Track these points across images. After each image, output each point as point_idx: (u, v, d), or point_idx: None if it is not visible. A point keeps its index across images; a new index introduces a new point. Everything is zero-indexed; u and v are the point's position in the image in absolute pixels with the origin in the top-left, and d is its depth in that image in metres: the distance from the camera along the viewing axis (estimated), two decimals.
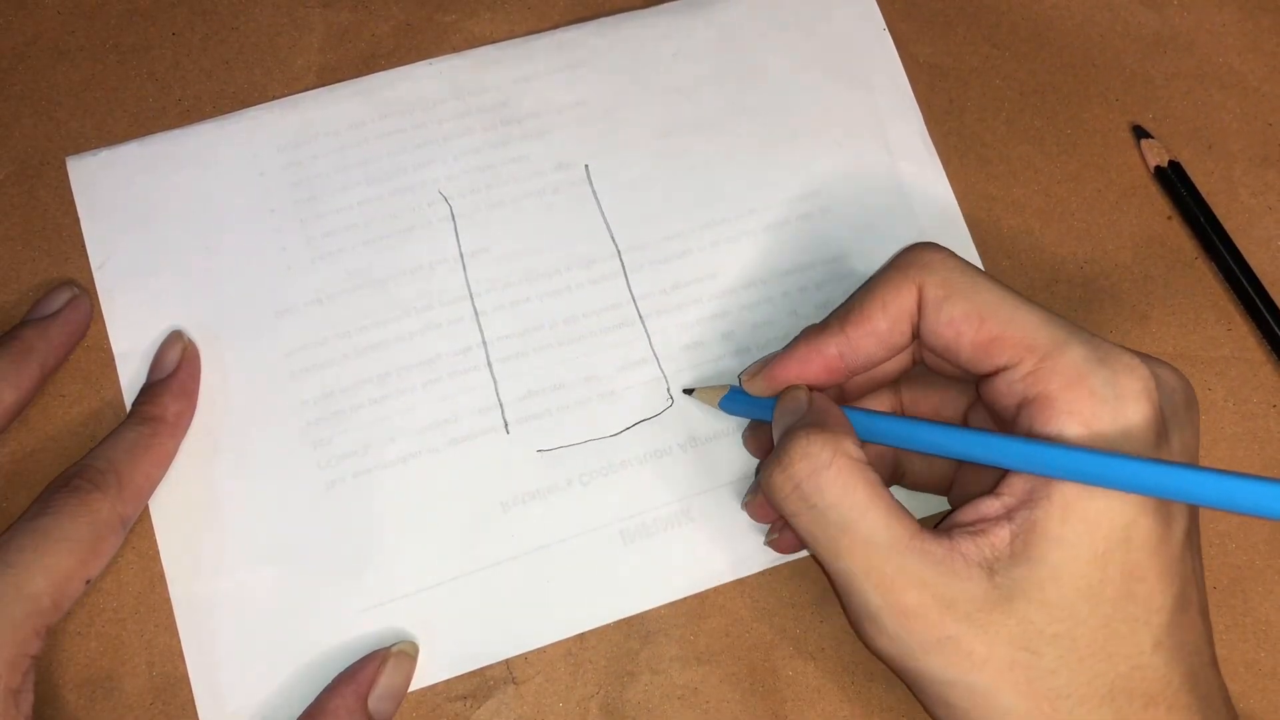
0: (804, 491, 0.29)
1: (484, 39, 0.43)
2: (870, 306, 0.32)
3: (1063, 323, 0.30)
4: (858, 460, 0.30)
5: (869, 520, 0.29)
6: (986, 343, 0.30)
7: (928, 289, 0.31)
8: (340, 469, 0.37)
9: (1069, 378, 0.28)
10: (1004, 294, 0.30)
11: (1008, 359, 0.29)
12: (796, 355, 0.33)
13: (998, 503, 0.29)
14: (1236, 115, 0.43)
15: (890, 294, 0.31)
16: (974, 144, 0.42)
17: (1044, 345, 0.29)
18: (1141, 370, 0.29)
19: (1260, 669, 0.37)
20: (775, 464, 0.30)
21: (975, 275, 0.31)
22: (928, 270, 0.31)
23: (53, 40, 0.42)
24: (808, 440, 0.30)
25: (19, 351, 0.36)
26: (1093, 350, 0.29)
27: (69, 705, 0.35)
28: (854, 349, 0.32)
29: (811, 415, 0.31)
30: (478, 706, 0.35)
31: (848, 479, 0.29)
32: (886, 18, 0.43)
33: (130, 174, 0.40)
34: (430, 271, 0.39)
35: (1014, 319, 0.30)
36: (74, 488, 0.33)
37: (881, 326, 0.32)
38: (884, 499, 0.29)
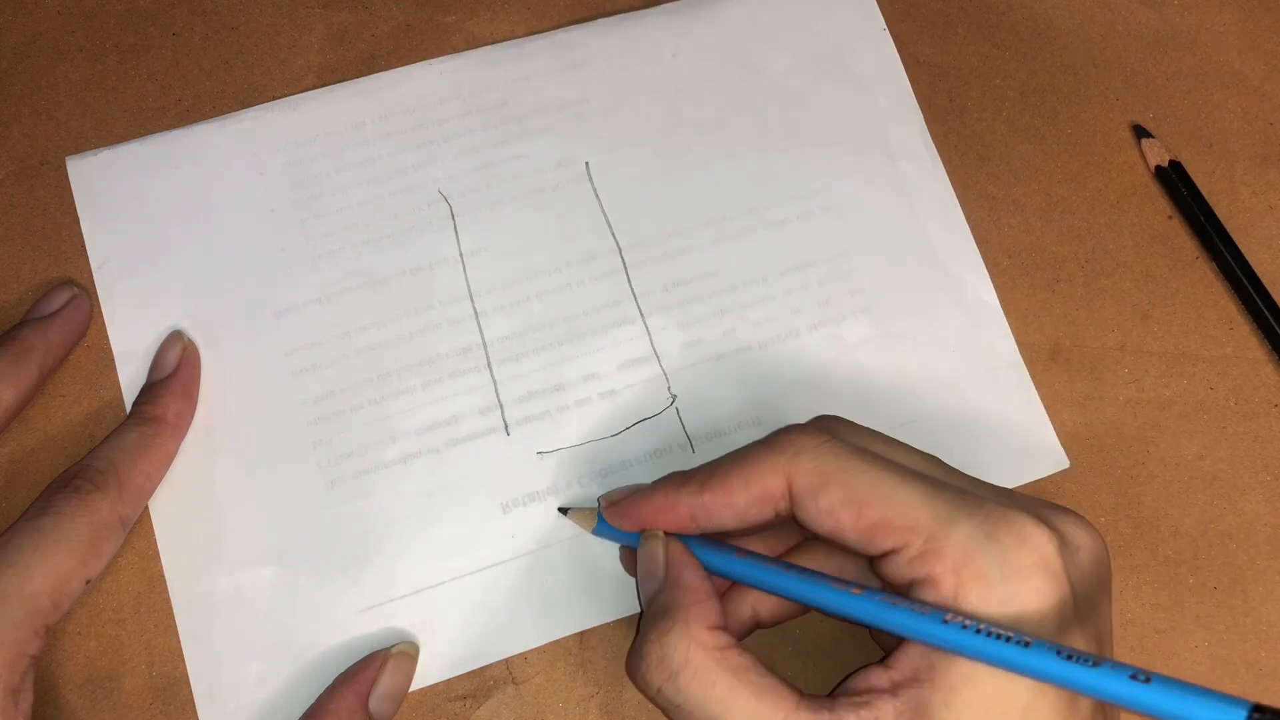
0: (666, 694, 0.29)
1: (484, 39, 0.43)
2: (732, 480, 0.30)
3: (950, 496, 0.28)
4: (713, 648, 0.28)
5: (735, 713, 0.28)
6: (869, 528, 0.28)
7: (798, 478, 0.29)
8: (340, 469, 0.37)
9: (955, 560, 0.27)
10: (882, 474, 0.29)
11: (893, 544, 0.28)
12: (653, 501, 0.32)
13: (886, 675, 0.28)
14: (1237, 114, 0.43)
15: (755, 474, 0.30)
16: (974, 144, 0.42)
17: (928, 526, 0.27)
18: (1038, 538, 0.27)
19: (1261, 669, 0.37)
20: (635, 669, 0.30)
21: (850, 458, 0.29)
22: (799, 458, 0.30)
23: (53, 40, 0.42)
24: (659, 642, 0.29)
25: (18, 351, 0.36)
26: (980, 525, 0.27)
27: (69, 705, 0.35)
28: (708, 515, 0.31)
29: (665, 596, 0.30)
30: (478, 706, 0.35)
31: (705, 676, 0.28)
32: (886, 17, 0.43)
33: (130, 174, 0.40)
34: (430, 271, 0.39)
35: (894, 501, 0.28)
36: (74, 488, 0.33)
37: (739, 502, 0.30)
38: (747, 684, 0.28)
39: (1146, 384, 0.40)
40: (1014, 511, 0.28)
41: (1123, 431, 0.39)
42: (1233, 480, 0.39)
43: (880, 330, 0.39)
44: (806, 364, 0.39)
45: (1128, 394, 0.39)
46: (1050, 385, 0.39)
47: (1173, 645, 0.37)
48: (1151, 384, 0.40)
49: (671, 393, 0.38)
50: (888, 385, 0.39)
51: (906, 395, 0.39)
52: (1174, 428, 0.39)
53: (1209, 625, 0.37)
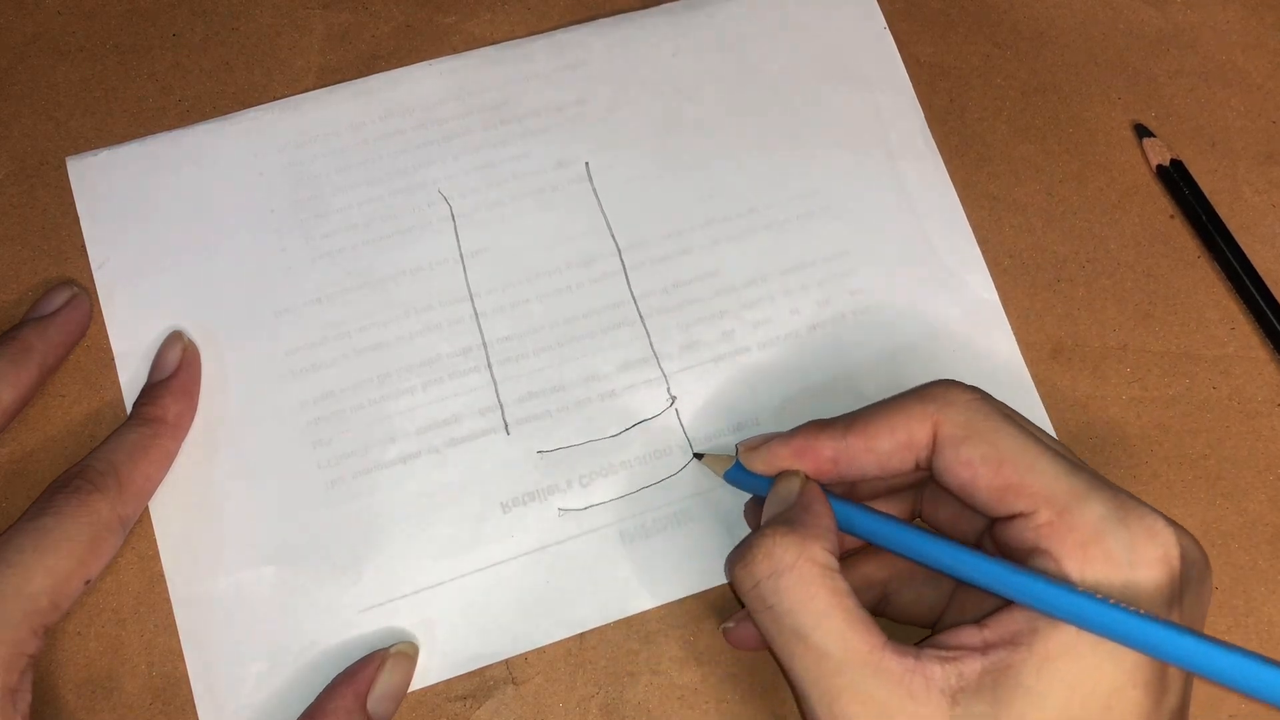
0: (762, 591, 0.29)
1: (484, 39, 0.43)
2: (877, 424, 0.31)
3: (1085, 474, 0.28)
4: (823, 566, 0.28)
5: (824, 631, 0.28)
6: (1003, 488, 0.29)
7: (945, 427, 0.30)
8: (340, 469, 0.37)
9: (1085, 536, 0.27)
10: (1026, 440, 0.29)
11: (1024, 507, 0.28)
12: (794, 444, 0.32)
13: (979, 634, 0.28)
14: (1239, 113, 0.43)
15: (901, 420, 0.30)
16: (975, 143, 0.42)
17: (1063, 498, 0.28)
18: (1164, 536, 0.27)
19: None
20: (739, 558, 0.30)
21: (999, 418, 0.30)
22: (949, 408, 0.30)
23: (53, 40, 0.42)
24: (774, 540, 0.29)
25: (18, 351, 0.36)
26: (1113, 509, 0.28)
27: (69, 705, 0.35)
28: (849, 459, 0.31)
29: (792, 511, 0.30)
30: (478, 706, 0.35)
31: (808, 585, 0.28)
32: (887, 17, 0.43)
33: (130, 174, 0.40)
34: (430, 272, 0.39)
35: (1034, 468, 0.28)
36: (74, 488, 0.33)
37: (884, 447, 0.31)
38: (844, 609, 0.28)
39: (1149, 383, 0.39)
40: (1145, 506, 0.28)
41: (1125, 431, 0.39)
42: (1235, 480, 0.38)
43: (880, 330, 0.39)
44: (806, 365, 0.39)
45: (1130, 393, 0.39)
46: (1052, 385, 0.39)
47: None
48: (1154, 383, 0.39)
49: (671, 394, 0.38)
50: (887, 386, 0.39)
51: None
52: (1176, 427, 0.39)
53: (1211, 625, 0.37)
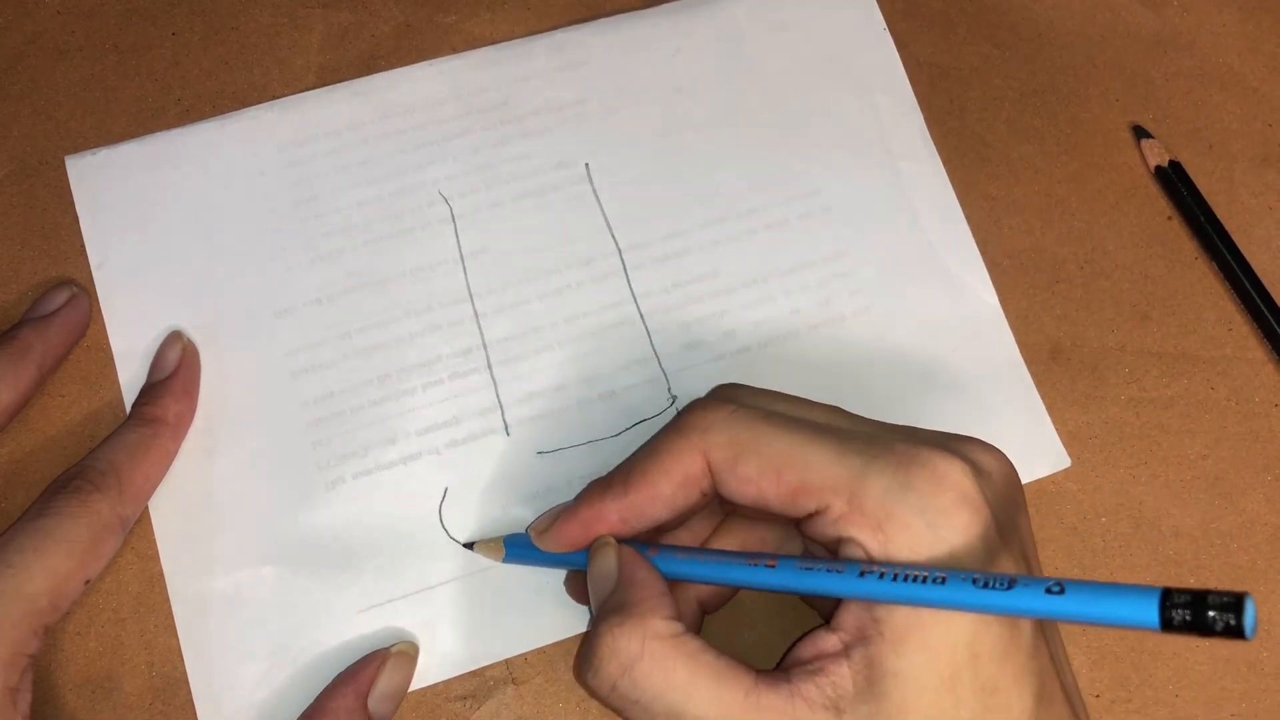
0: (621, 690, 0.28)
1: (484, 39, 0.43)
2: (653, 473, 0.30)
3: (859, 447, 0.28)
4: (668, 638, 0.28)
5: (695, 699, 0.27)
6: (790, 493, 0.28)
7: (713, 453, 0.30)
8: (340, 469, 0.37)
9: (878, 516, 0.27)
10: (793, 436, 0.29)
11: (815, 505, 0.28)
12: (580, 517, 0.32)
13: (834, 638, 0.28)
14: (1237, 115, 0.43)
15: (673, 461, 0.30)
16: (974, 144, 0.42)
17: (846, 484, 0.28)
18: (953, 474, 0.27)
19: (1263, 669, 0.37)
20: (586, 667, 0.29)
21: (760, 425, 0.29)
22: (710, 434, 0.30)
23: (53, 40, 0.42)
24: (612, 635, 0.28)
25: (17, 351, 0.36)
26: (895, 474, 0.27)
27: (68, 705, 0.35)
28: (638, 514, 0.31)
29: (619, 595, 0.30)
30: (478, 706, 0.35)
31: (663, 664, 0.28)
32: (887, 17, 0.43)
33: (130, 174, 0.40)
34: (430, 272, 0.39)
35: (809, 463, 0.28)
36: (74, 489, 0.33)
37: (665, 492, 0.30)
38: (707, 668, 0.28)
39: (1147, 384, 0.40)
40: (925, 450, 0.28)
41: (1124, 431, 0.39)
42: (1234, 480, 0.39)
43: (880, 330, 0.39)
44: (806, 365, 0.39)
45: (1129, 394, 0.39)
46: (1051, 385, 0.39)
47: (1173, 645, 0.37)
48: (1152, 384, 0.40)
49: (672, 393, 0.38)
50: (887, 385, 0.39)
51: (907, 395, 0.39)
52: (1175, 428, 0.39)
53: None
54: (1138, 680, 0.36)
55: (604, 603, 0.30)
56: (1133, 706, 0.36)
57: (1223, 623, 0.23)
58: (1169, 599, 0.23)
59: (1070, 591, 0.25)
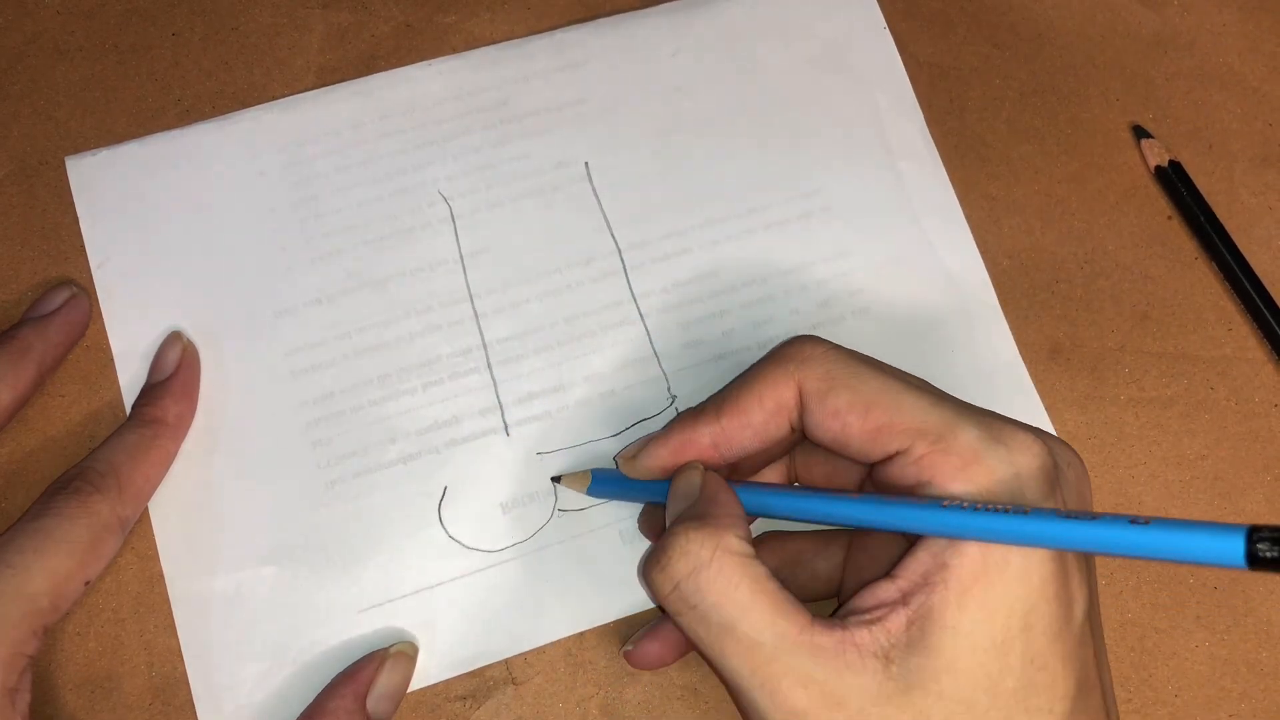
0: (683, 592, 0.28)
1: (484, 39, 0.43)
2: (746, 399, 0.31)
3: (952, 403, 0.29)
4: (740, 555, 0.28)
5: (751, 620, 0.27)
6: (875, 431, 0.29)
7: (808, 383, 0.30)
8: (340, 469, 0.37)
9: (964, 458, 0.27)
10: (888, 380, 0.29)
11: (899, 445, 0.28)
12: (671, 442, 0.32)
13: (893, 586, 0.27)
14: (1237, 115, 0.43)
15: (767, 388, 0.30)
16: (974, 144, 0.42)
17: (935, 429, 0.28)
18: (1037, 447, 0.28)
19: (1262, 669, 0.37)
20: (654, 562, 0.29)
21: (857, 364, 0.30)
22: (807, 365, 0.30)
23: (53, 40, 0.42)
24: (687, 537, 0.28)
25: (16, 351, 0.36)
26: (985, 430, 0.28)
27: (68, 705, 0.35)
28: (729, 440, 0.31)
29: (698, 506, 0.30)
30: (477, 707, 0.35)
31: (729, 577, 0.28)
32: (887, 17, 0.43)
33: (130, 174, 0.40)
34: (430, 273, 0.39)
35: (901, 405, 0.29)
36: (74, 489, 0.33)
37: (757, 419, 0.31)
38: (768, 595, 0.28)
39: (1147, 384, 0.40)
40: (1015, 423, 0.28)
41: (1124, 431, 0.39)
42: (1234, 480, 0.39)
43: (880, 330, 0.39)
44: None
45: (1128, 394, 0.39)
46: (1050, 385, 0.39)
47: (1173, 645, 0.37)
48: (1152, 384, 0.40)
49: (671, 393, 0.38)
50: None
51: None
52: (1175, 428, 0.39)
53: (1209, 625, 0.37)
54: (1138, 680, 0.36)
55: (682, 512, 0.30)
56: (1133, 707, 0.36)
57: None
58: (1257, 534, 0.23)
59: (1155, 525, 0.24)
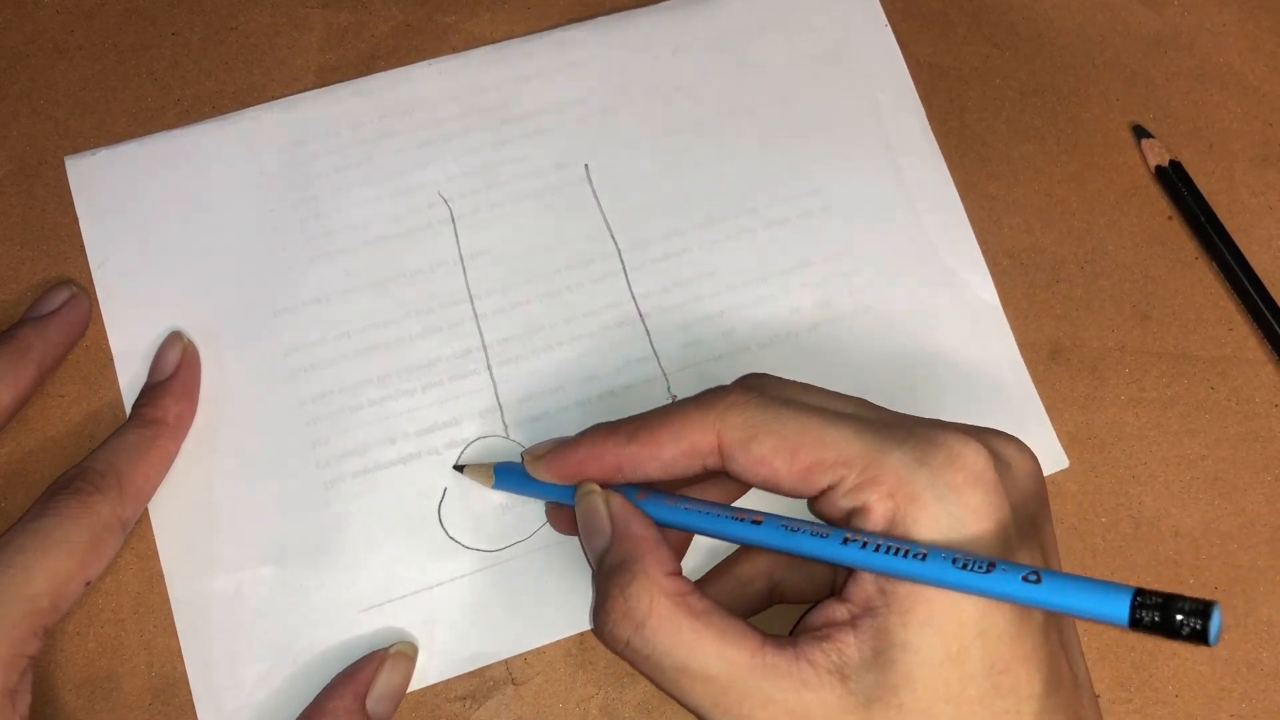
0: (634, 646, 0.29)
1: (484, 39, 0.43)
2: (661, 432, 0.31)
3: (879, 429, 0.29)
4: (675, 595, 0.29)
5: (700, 657, 0.28)
6: (804, 471, 0.29)
7: (727, 433, 0.30)
8: (339, 469, 0.37)
9: (889, 487, 0.27)
10: (810, 417, 0.29)
11: (829, 480, 0.28)
12: (579, 453, 0.32)
13: (842, 608, 0.28)
14: (1237, 115, 0.43)
15: (683, 429, 0.31)
16: (975, 144, 0.42)
17: (860, 458, 0.28)
18: (969, 455, 0.28)
19: (1263, 669, 0.37)
20: (600, 625, 0.30)
21: (778, 408, 0.30)
22: (727, 414, 0.30)
23: (52, 40, 0.42)
24: (624, 597, 0.29)
25: (16, 350, 0.36)
26: (911, 451, 0.28)
27: (68, 706, 0.35)
28: (634, 465, 0.31)
29: (617, 550, 0.30)
30: (477, 707, 0.35)
31: (671, 622, 0.28)
32: (887, 17, 0.43)
33: (129, 174, 0.40)
34: (430, 273, 0.39)
35: (824, 440, 0.29)
36: (74, 490, 0.33)
37: (666, 455, 0.31)
38: (712, 628, 0.28)
39: (1147, 384, 0.40)
40: (943, 433, 0.28)
41: (1123, 431, 0.39)
42: (1234, 480, 0.39)
43: (880, 330, 0.39)
44: (806, 364, 0.39)
45: (1129, 394, 0.39)
46: (1050, 385, 0.39)
47: (1173, 645, 0.37)
48: (1152, 384, 0.40)
49: (671, 393, 0.38)
50: (887, 385, 0.39)
51: (906, 395, 0.39)
52: (1175, 428, 0.39)
53: None
54: (1138, 680, 0.36)
55: (602, 556, 0.31)
56: (1133, 707, 0.36)
57: (1189, 627, 0.23)
58: (1141, 599, 0.23)
59: (1047, 581, 0.25)
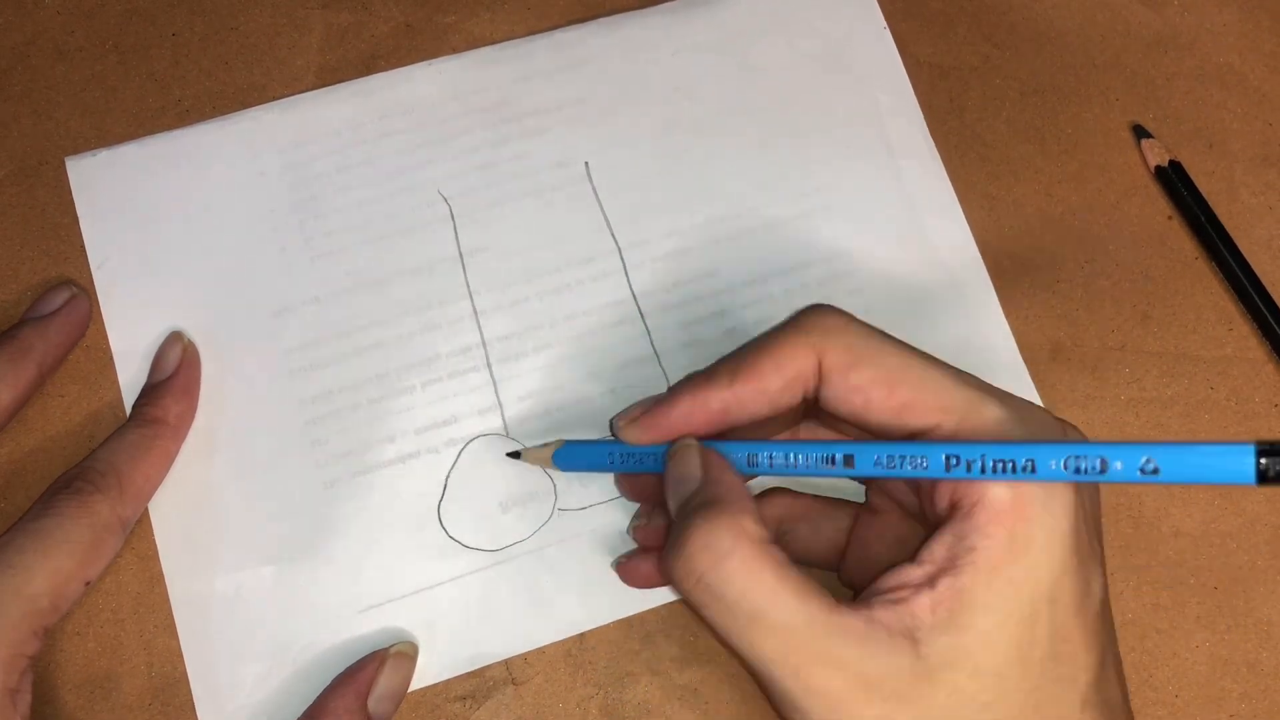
0: (708, 583, 0.27)
1: (484, 39, 0.43)
2: (763, 364, 0.30)
3: (975, 382, 0.29)
4: (760, 541, 0.28)
5: (779, 605, 0.27)
6: (900, 408, 0.29)
7: (829, 355, 0.29)
8: (339, 468, 0.37)
9: (989, 437, 0.27)
10: (911, 357, 0.29)
11: (924, 422, 0.28)
12: (679, 406, 0.31)
13: (919, 570, 0.27)
14: (1237, 115, 0.43)
15: (786, 355, 0.30)
16: (974, 143, 0.42)
17: (960, 407, 0.28)
18: (1057, 427, 0.28)
19: (1262, 669, 0.37)
20: (675, 556, 0.28)
21: (880, 340, 0.30)
22: (830, 336, 0.30)
23: (53, 40, 0.42)
24: (708, 529, 0.28)
25: (17, 351, 0.36)
26: (1009, 409, 0.28)
27: (68, 706, 0.35)
28: (740, 405, 0.30)
29: (707, 492, 0.29)
30: (477, 707, 0.35)
31: (752, 565, 0.27)
32: (886, 17, 0.43)
33: (129, 174, 0.40)
34: (430, 271, 0.39)
35: (925, 382, 0.28)
36: (75, 489, 0.33)
37: (773, 386, 0.30)
38: (793, 579, 0.27)
39: (1147, 384, 0.40)
40: (1034, 405, 0.29)
41: (1124, 431, 0.39)
42: None
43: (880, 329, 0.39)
44: None
45: (1128, 394, 0.39)
46: (1051, 385, 0.39)
47: (1173, 645, 0.37)
48: (1152, 384, 0.40)
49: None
50: None
51: None
52: (1175, 428, 0.39)
53: (1210, 625, 0.37)
54: (1138, 681, 0.36)
55: (688, 498, 0.30)
56: (1133, 707, 0.36)
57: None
58: (1265, 447, 0.23)
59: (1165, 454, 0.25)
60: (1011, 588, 0.27)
